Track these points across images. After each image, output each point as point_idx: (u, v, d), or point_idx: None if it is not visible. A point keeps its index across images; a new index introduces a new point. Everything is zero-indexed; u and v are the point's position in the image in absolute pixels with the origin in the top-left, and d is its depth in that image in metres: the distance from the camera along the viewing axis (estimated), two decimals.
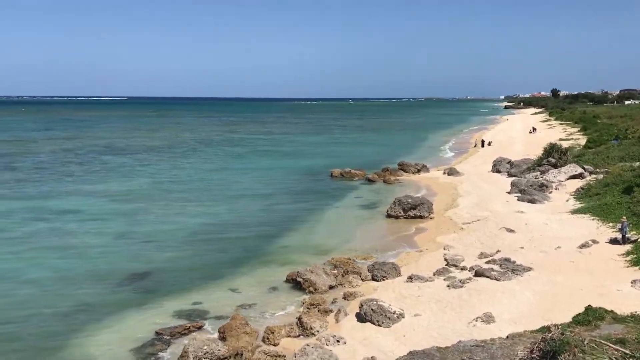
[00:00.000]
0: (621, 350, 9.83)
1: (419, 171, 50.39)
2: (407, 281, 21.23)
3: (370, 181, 46.72)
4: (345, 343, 16.22)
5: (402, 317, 17.51)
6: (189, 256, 25.76)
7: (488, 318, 16.72)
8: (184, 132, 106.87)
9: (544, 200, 34.33)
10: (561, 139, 64.71)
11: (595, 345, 9.77)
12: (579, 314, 13.15)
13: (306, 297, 20.19)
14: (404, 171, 50.16)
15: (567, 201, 33.45)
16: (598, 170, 40.81)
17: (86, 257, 25.33)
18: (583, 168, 41.17)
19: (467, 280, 20.44)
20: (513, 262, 21.97)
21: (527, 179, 39.62)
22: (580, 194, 34.22)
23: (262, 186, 44.74)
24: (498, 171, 47.77)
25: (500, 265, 21.75)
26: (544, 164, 44.34)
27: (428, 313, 17.90)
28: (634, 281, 18.86)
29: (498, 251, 24.21)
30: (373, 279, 22.24)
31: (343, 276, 22.37)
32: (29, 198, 38.56)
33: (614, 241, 23.99)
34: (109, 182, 45.85)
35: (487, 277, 20.45)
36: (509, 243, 25.51)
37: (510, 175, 45.17)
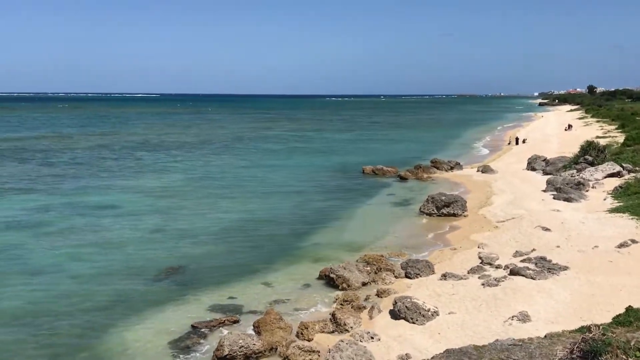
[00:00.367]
0: None
1: (452, 168, 49.92)
2: (441, 279, 21.07)
3: (402, 178, 46.45)
4: (379, 340, 16.19)
5: (437, 315, 17.41)
6: (223, 251, 26.04)
7: (524, 317, 16.49)
8: (217, 129, 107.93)
9: (581, 198, 33.66)
10: (598, 137, 63.25)
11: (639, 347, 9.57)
12: (620, 315, 12.87)
13: (339, 294, 20.20)
14: (437, 168, 49.75)
15: (605, 200, 32.72)
16: (637, 168, 39.82)
17: (123, 252, 25.80)
18: (621, 166, 40.20)
19: (502, 278, 20.18)
20: (549, 261, 21.57)
21: (563, 177, 38.88)
22: (618, 193, 33.43)
23: (295, 183, 44.93)
24: (533, 169, 47.00)
25: (535, 264, 21.40)
26: (581, 162, 43.46)
27: (463, 311, 17.74)
28: None
29: (533, 250, 23.85)
30: (406, 277, 22.16)
31: (376, 273, 22.33)
32: (66, 193, 39.36)
33: None
34: (144, 178, 46.62)
35: (523, 276, 20.16)
36: (545, 242, 25.08)
37: (545, 173, 44.40)
